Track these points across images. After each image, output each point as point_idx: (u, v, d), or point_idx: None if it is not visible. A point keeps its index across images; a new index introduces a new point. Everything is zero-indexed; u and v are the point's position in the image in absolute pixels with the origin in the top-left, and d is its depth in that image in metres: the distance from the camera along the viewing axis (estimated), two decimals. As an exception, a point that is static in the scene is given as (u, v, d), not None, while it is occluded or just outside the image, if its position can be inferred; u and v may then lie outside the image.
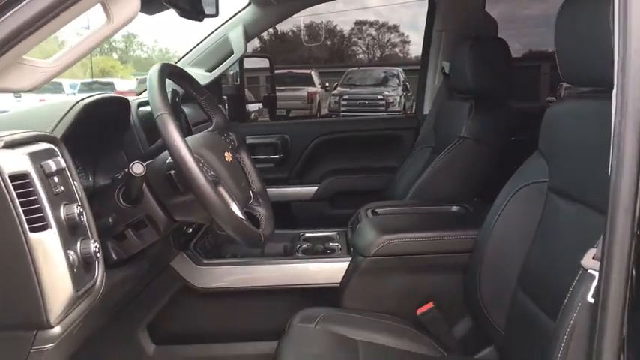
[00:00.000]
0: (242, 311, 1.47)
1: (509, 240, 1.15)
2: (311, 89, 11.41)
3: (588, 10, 0.89)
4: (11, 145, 0.76)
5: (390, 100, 10.70)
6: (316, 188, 2.27)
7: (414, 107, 2.54)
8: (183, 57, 2.02)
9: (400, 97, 10.98)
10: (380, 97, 10.67)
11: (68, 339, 0.84)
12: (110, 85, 14.45)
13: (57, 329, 0.77)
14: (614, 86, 0.68)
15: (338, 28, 17.17)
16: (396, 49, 18.22)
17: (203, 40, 1.97)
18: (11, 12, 0.72)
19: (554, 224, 1.03)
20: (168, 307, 1.46)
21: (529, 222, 1.09)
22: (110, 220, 0.99)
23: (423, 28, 2.30)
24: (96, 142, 1.14)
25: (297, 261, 1.49)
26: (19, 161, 0.74)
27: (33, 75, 0.78)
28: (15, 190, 0.72)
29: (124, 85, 16.27)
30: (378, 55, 18.32)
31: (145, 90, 1.91)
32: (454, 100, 1.89)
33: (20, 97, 13.78)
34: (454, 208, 1.61)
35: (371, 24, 17.90)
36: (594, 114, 0.94)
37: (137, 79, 17.34)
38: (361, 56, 18.53)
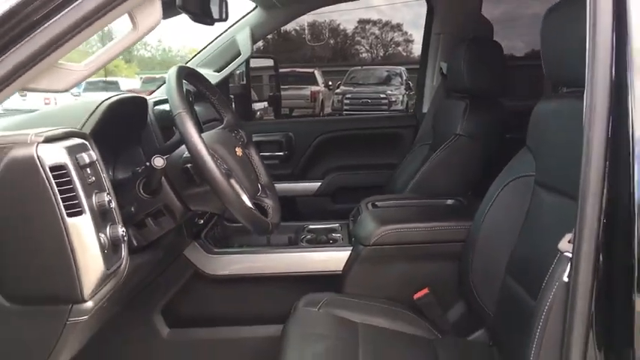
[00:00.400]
0: (250, 296, 1.53)
1: (498, 230, 1.21)
2: (314, 88, 11.32)
3: (569, 16, 0.97)
4: (50, 140, 0.83)
5: (393, 99, 10.63)
6: (319, 184, 2.33)
7: (416, 106, 2.60)
8: (192, 58, 2.10)
9: (403, 95, 10.91)
10: (383, 96, 10.62)
11: (97, 315, 0.92)
12: (115, 85, 14.29)
13: (89, 303, 0.85)
14: (585, 86, 0.76)
15: (341, 28, 17.14)
16: (399, 49, 18.11)
17: (211, 42, 2.05)
18: (50, 22, 0.80)
19: (539, 215, 1.09)
20: (181, 292, 1.53)
21: (517, 213, 1.15)
22: (132, 209, 1.08)
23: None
24: (117, 139, 1.21)
25: (302, 250, 1.55)
26: (57, 154, 0.82)
27: (67, 77, 0.85)
28: (54, 179, 0.80)
29: (129, 84, 16.20)
30: (381, 54, 18.27)
31: (158, 89, 2.00)
32: (451, 99, 1.94)
33: (25, 95, 13.82)
34: (449, 201, 1.67)
35: (374, 23, 17.84)
36: (576, 112, 1.00)
37: (141, 78, 17.30)
38: (364, 55, 18.46)
